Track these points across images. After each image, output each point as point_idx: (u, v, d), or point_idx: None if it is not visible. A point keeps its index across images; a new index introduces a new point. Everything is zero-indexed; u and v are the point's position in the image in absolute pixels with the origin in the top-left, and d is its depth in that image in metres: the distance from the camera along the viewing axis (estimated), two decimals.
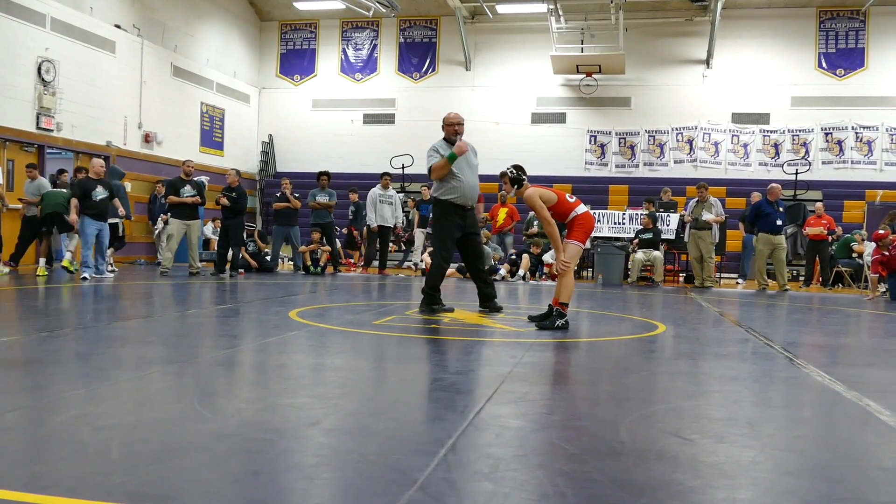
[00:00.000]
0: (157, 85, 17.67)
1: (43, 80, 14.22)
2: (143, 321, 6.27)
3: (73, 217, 11.12)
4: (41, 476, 2.22)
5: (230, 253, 12.72)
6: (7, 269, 11.74)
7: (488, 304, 7.57)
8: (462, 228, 7.49)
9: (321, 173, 14.77)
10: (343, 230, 16.38)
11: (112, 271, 12.15)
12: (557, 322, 6.20)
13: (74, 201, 11.10)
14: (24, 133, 13.98)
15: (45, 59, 14.26)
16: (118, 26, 16.42)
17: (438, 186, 7.52)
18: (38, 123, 14.14)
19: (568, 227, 6.48)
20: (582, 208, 6.47)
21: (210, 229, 17.28)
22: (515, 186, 6.66)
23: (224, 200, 12.64)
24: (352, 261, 16.59)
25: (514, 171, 6.71)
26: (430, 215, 16.10)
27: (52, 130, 14.45)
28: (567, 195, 6.58)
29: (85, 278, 10.60)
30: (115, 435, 2.67)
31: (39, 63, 14.16)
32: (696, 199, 13.90)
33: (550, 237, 6.51)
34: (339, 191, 15.43)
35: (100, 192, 11.11)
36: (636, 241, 14.60)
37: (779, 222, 13.12)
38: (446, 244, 7.56)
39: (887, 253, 11.46)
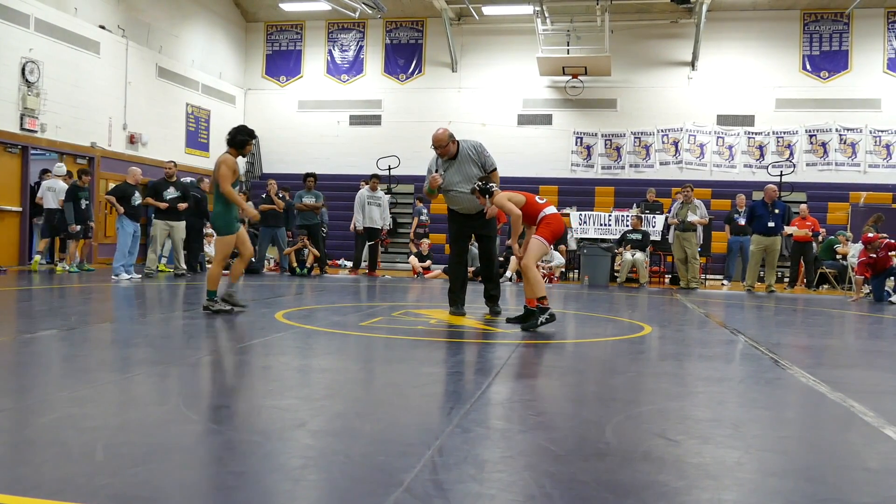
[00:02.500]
0: (142, 86, 17.57)
1: (27, 80, 14.11)
2: (128, 323, 6.24)
3: (119, 208, 11.86)
4: (25, 478, 2.20)
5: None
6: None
7: (489, 304, 7.75)
8: (472, 229, 7.68)
9: (307, 175, 14.73)
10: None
11: (181, 273, 12.68)
12: (541, 319, 6.19)
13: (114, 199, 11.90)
14: (8, 134, 13.86)
15: (28, 60, 14.16)
16: (103, 27, 16.32)
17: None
18: (21, 124, 14.04)
19: (536, 226, 6.53)
20: (551, 209, 6.52)
21: None
22: (487, 196, 6.69)
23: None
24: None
25: (481, 184, 6.79)
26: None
27: (36, 131, 14.35)
28: (536, 197, 6.64)
29: (130, 278, 11.32)
30: (99, 437, 2.66)
31: (23, 64, 14.06)
32: (681, 200, 13.97)
33: (513, 227, 6.58)
34: (325, 192, 15.39)
35: (139, 198, 11.93)
36: (629, 246, 14.62)
37: (771, 224, 13.17)
38: (453, 247, 7.81)
39: (875, 255, 11.54)
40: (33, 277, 11.29)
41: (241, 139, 7.13)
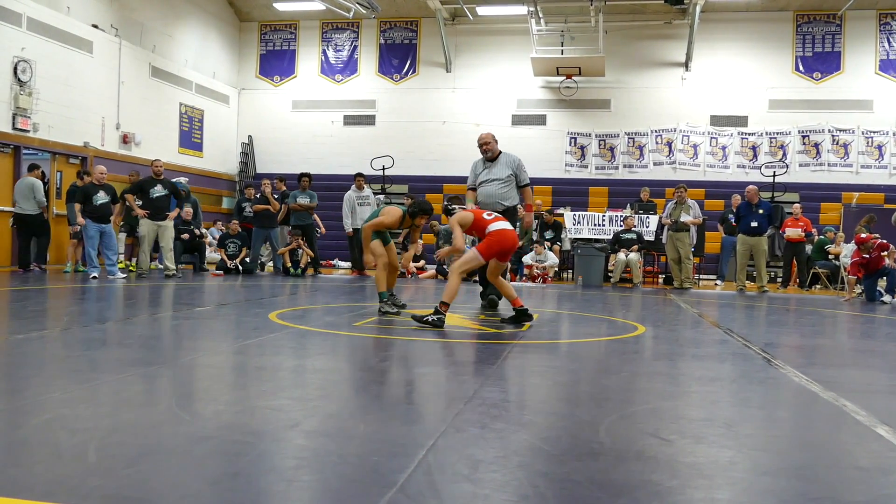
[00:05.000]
0: (135, 85, 17.53)
1: (19, 80, 14.06)
2: (121, 323, 6.22)
3: (79, 220, 11.74)
4: (17, 479, 2.19)
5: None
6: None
7: (485, 300, 8.41)
8: None
9: (302, 175, 14.70)
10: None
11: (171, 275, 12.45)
12: (429, 318, 6.28)
13: (77, 205, 11.80)
14: (0, 134, 13.82)
15: (21, 59, 14.11)
16: (95, 26, 16.28)
17: None
18: (14, 124, 13.99)
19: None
20: (497, 225, 6.69)
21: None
22: (448, 216, 7.14)
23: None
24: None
25: (447, 203, 7.43)
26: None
27: (28, 131, 14.30)
28: (484, 214, 6.86)
29: (95, 277, 11.21)
30: (91, 438, 2.65)
31: (15, 63, 14.01)
32: (675, 201, 13.99)
33: (452, 250, 6.90)
34: (318, 192, 15.37)
35: (101, 197, 11.72)
36: (636, 247, 14.65)
37: (754, 224, 13.23)
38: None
39: (867, 256, 11.58)
40: (28, 277, 11.26)
41: (413, 211, 7.52)
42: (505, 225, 6.75)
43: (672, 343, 6.09)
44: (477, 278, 8.45)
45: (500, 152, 8.55)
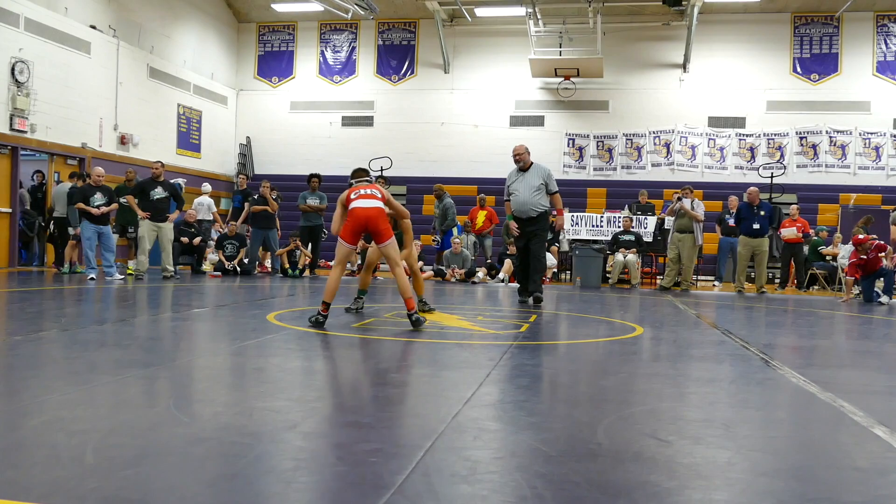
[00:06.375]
0: (133, 86, 17.51)
1: (16, 80, 14.04)
2: (119, 324, 6.21)
3: (75, 230, 12.06)
4: (14, 481, 2.19)
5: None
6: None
7: (529, 295, 9.22)
8: (526, 234, 9.27)
9: (312, 175, 14.66)
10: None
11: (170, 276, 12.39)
12: (310, 317, 6.22)
13: (80, 205, 11.77)
14: None
15: (18, 60, 14.09)
16: (93, 27, 16.26)
17: None
18: (11, 125, 13.97)
19: None
20: (354, 203, 6.32)
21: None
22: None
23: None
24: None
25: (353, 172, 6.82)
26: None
27: (25, 132, 14.28)
28: (354, 192, 6.43)
29: (93, 279, 11.20)
30: (89, 439, 2.65)
31: (13, 64, 13.99)
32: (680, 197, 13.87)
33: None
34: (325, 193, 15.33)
35: (98, 199, 11.73)
36: (634, 249, 14.65)
37: (756, 226, 13.21)
38: (514, 246, 9.95)
39: (865, 256, 11.59)
40: (30, 279, 11.25)
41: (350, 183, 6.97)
42: (363, 203, 6.30)
43: (670, 344, 6.09)
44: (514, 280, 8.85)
45: (532, 163, 9.43)
